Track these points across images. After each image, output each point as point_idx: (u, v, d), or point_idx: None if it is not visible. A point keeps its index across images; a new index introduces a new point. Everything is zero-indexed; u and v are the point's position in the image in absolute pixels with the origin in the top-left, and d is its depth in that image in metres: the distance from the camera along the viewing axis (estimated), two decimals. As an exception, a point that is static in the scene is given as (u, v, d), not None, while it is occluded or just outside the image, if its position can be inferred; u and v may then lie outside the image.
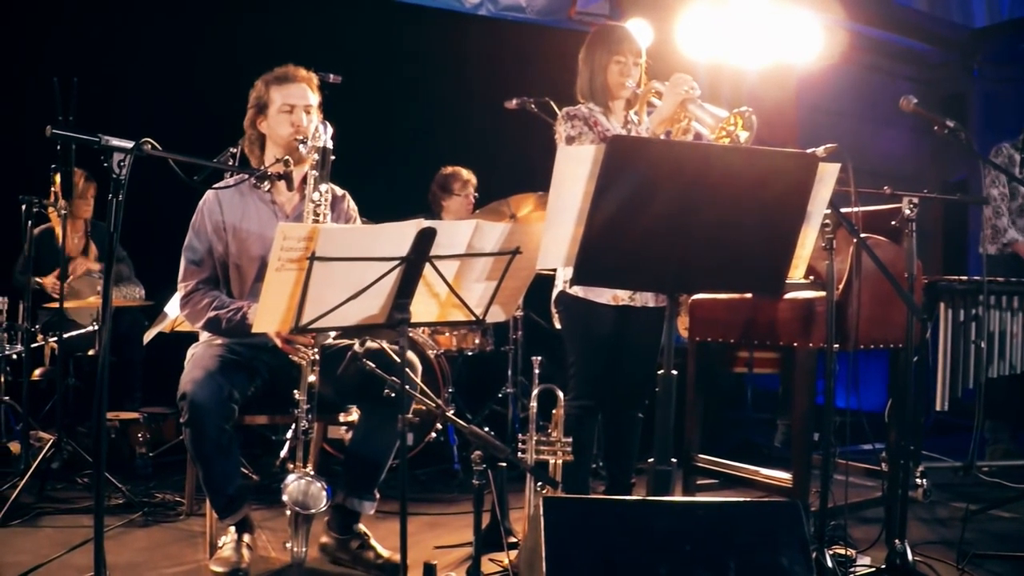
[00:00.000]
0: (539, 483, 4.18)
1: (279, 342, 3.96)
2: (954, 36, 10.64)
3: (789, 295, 4.46)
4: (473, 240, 3.47)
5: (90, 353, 6.52)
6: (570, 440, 4.30)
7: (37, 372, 6.39)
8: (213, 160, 3.85)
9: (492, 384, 6.86)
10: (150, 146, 3.34)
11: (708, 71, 8.18)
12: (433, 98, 8.40)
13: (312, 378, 3.92)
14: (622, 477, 4.73)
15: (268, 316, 3.42)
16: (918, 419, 5.49)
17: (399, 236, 3.35)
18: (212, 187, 4.25)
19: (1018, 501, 5.48)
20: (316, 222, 4.03)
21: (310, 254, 3.25)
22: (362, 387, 4.03)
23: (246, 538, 4.20)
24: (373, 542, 4.27)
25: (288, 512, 3.87)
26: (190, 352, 4.31)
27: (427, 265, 3.43)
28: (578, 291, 4.47)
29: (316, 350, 3.93)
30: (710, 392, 5.37)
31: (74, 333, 6.31)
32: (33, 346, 6.15)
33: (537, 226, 3.44)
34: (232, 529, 4.19)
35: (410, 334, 3.67)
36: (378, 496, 4.33)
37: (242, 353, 4.18)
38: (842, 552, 4.24)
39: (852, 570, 4.15)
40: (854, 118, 10.03)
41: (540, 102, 5.45)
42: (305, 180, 4.19)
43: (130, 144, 3.30)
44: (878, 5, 9.91)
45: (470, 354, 6.67)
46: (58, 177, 6.09)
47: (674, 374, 3.47)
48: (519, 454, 4.26)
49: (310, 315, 3.39)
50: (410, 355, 3.72)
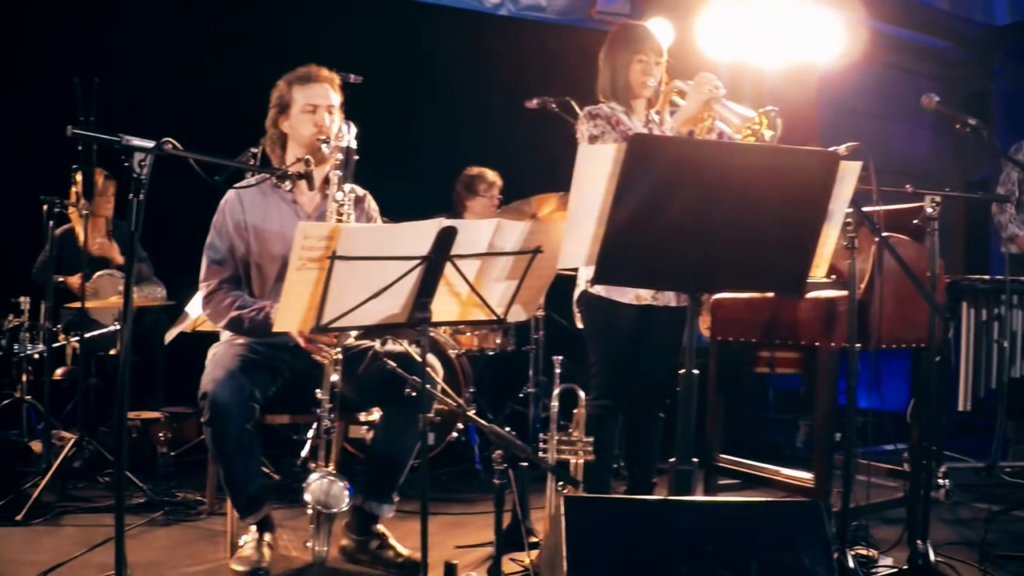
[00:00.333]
0: (560, 483, 4.17)
1: (302, 341, 3.96)
2: (976, 34, 10.60)
3: (811, 294, 4.44)
4: (494, 239, 3.46)
5: (112, 353, 6.54)
6: (591, 440, 4.29)
7: (59, 371, 6.41)
8: (234, 160, 3.85)
9: (513, 384, 6.87)
10: (171, 146, 3.35)
11: (729, 70, 8.15)
12: (453, 98, 8.39)
13: (335, 377, 3.92)
14: (643, 477, 4.72)
15: (289, 315, 3.42)
16: (940, 419, 5.47)
17: (420, 235, 3.34)
18: (233, 187, 4.26)
19: (1041, 502, 5.45)
20: (339, 222, 4.03)
21: (331, 253, 3.24)
22: (383, 387, 4.02)
23: (267, 537, 4.21)
24: (392, 541, 4.28)
25: (310, 511, 3.88)
26: (211, 352, 4.31)
27: (448, 264, 3.42)
28: (600, 290, 4.46)
29: (339, 349, 3.94)
30: (732, 392, 5.35)
31: (96, 333, 6.33)
32: (55, 345, 6.17)
33: (558, 225, 3.42)
34: (253, 528, 4.20)
35: (431, 334, 3.66)
36: (397, 499, 4.33)
37: (263, 353, 4.19)
38: (864, 552, 4.22)
39: (874, 570, 4.14)
40: (875, 117, 9.99)
41: (561, 102, 5.43)
42: (326, 180, 4.20)
43: (151, 144, 3.31)
44: (900, 3, 9.87)
45: (491, 354, 6.66)
46: (79, 177, 6.11)
47: (696, 374, 3.46)
48: (540, 454, 4.26)
49: (331, 314, 3.39)
50: (430, 358, 3.72)
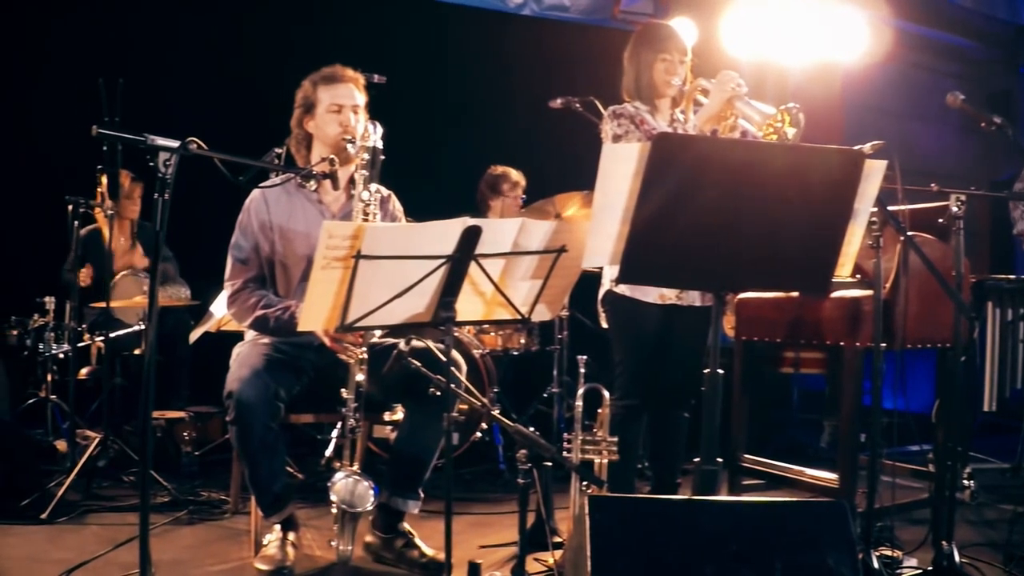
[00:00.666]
0: (584, 482, 4.17)
1: (328, 340, 3.97)
2: (1000, 33, 10.53)
3: (836, 294, 4.43)
4: (519, 238, 3.46)
5: (136, 352, 6.56)
6: (616, 439, 4.28)
7: (84, 371, 6.44)
8: (259, 160, 3.86)
9: (537, 384, 6.86)
10: (196, 145, 3.35)
11: (753, 69, 8.11)
12: (477, 98, 8.39)
13: (360, 376, 3.93)
14: (668, 477, 4.72)
15: (313, 314, 3.43)
16: (966, 420, 5.45)
17: (445, 234, 3.35)
18: (259, 186, 4.28)
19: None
20: (365, 221, 4.04)
21: (356, 252, 3.25)
22: (407, 385, 4.03)
23: (291, 536, 4.22)
24: (418, 541, 4.28)
25: (334, 510, 3.88)
26: (236, 351, 4.33)
27: (472, 263, 3.43)
28: (625, 290, 4.46)
29: (364, 349, 3.94)
30: (756, 392, 5.33)
31: (120, 332, 6.37)
32: (80, 345, 6.21)
33: (583, 224, 3.42)
34: (277, 527, 4.21)
35: (455, 333, 3.67)
36: (422, 495, 4.34)
37: (288, 352, 4.19)
38: (889, 553, 4.20)
39: (899, 571, 4.12)
40: (899, 116, 9.93)
41: (584, 101, 5.44)
42: (351, 180, 4.21)
43: (176, 143, 3.32)
44: (924, 2, 9.82)
45: (515, 354, 6.66)
46: (104, 178, 6.13)
47: (720, 373, 3.45)
48: (564, 453, 4.25)
49: (355, 313, 3.39)
50: (454, 354, 3.72)
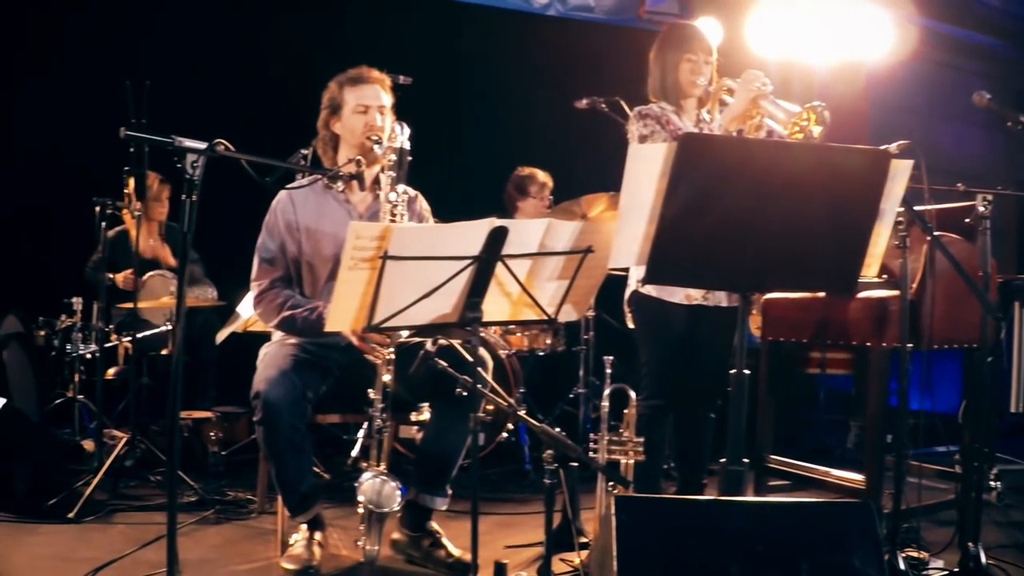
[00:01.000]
0: (610, 483, 4.17)
1: (355, 340, 3.98)
2: (1026, 31, 10.50)
3: (862, 294, 4.42)
4: (545, 239, 3.47)
5: (163, 353, 6.59)
6: (642, 440, 4.27)
7: (111, 371, 6.47)
8: (285, 161, 3.88)
9: (563, 384, 6.87)
10: (223, 147, 3.37)
11: (778, 68, 8.11)
12: (502, 99, 8.40)
13: (387, 377, 3.93)
14: (694, 478, 4.72)
15: (340, 315, 3.45)
16: (992, 421, 5.42)
17: (471, 235, 3.36)
18: (285, 187, 4.30)
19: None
20: (392, 222, 4.05)
21: (383, 253, 3.26)
22: (434, 385, 4.03)
23: (317, 536, 4.23)
24: (445, 540, 4.29)
25: (361, 510, 3.88)
26: (263, 351, 4.34)
27: (499, 264, 3.44)
28: (651, 290, 4.46)
29: (391, 349, 3.95)
30: (782, 393, 5.33)
31: (147, 333, 6.39)
32: (107, 345, 6.24)
33: (609, 225, 3.42)
34: (304, 527, 4.22)
35: (481, 334, 3.67)
36: (450, 492, 4.35)
37: (314, 352, 4.21)
38: (915, 555, 4.19)
39: (925, 573, 4.12)
40: (925, 115, 9.90)
41: (610, 102, 5.44)
42: (377, 180, 4.22)
43: (203, 145, 3.33)
44: (949, 1, 9.79)
45: (541, 354, 6.66)
46: (132, 180, 6.16)
47: (747, 374, 3.45)
48: (590, 454, 4.25)
49: (382, 314, 3.40)
50: (481, 351, 3.73)
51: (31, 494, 5.02)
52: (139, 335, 5.93)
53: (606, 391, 4.37)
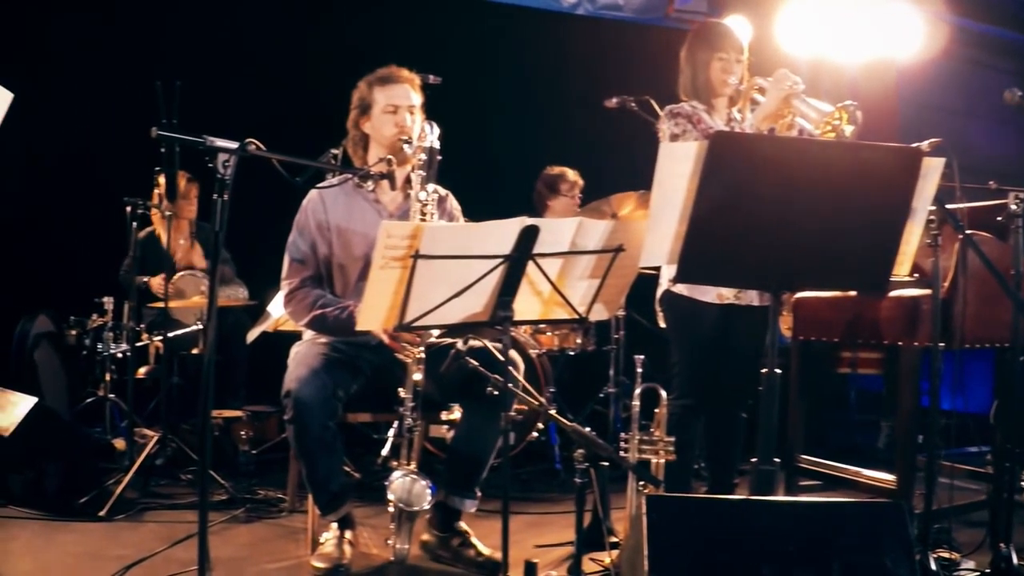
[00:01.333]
0: (641, 482, 4.16)
1: (386, 339, 3.98)
2: (1058, 28, 10.43)
3: (894, 293, 4.39)
4: (576, 238, 3.46)
5: (194, 352, 6.62)
6: (673, 439, 4.26)
7: (142, 370, 6.51)
8: (315, 160, 3.88)
9: (594, 384, 6.85)
10: (254, 147, 3.38)
11: (808, 66, 8.07)
12: (532, 98, 8.39)
13: (417, 376, 3.93)
14: (724, 477, 4.70)
15: (372, 314, 3.45)
16: (1024, 420, 5.39)
17: (502, 234, 3.36)
18: (316, 187, 4.30)
19: None
20: (423, 221, 4.05)
21: (414, 252, 3.26)
22: (465, 385, 4.04)
23: (348, 534, 4.24)
24: (474, 540, 4.29)
25: (391, 509, 3.89)
26: (294, 350, 4.35)
27: (530, 263, 3.43)
28: (683, 290, 4.44)
29: (422, 348, 3.95)
30: (813, 392, 5.30)
31: (178, 332, 6.43)
32: (138, 345, 6.29)
33: (640, 223, 3.43)
34: (334, 525, 4.23)
35: (512, 333, 3.68)
36: (479, 495, 4.35)
37: (345, 351, 4.21)
38: (946, 555, 4.18)
39: (956, 573, 4.10)
40: (956, 113, 9.84)
41: (640, 100, 5.43)
42: (408, 180, 4.23)
43: (235, 145, 3.34)
44: (980, -2, 9.74)
45: (572, 354, 6.65)
46: (162, 179, 6.19)
47: (778, 373, 3.44)
48: (621, 453, 4.24)
49: (414, 313, 3.41)
50: (512, 353, 3.73)
51: (62, 492, 5.06)
52: (170, 334, 5.95)
53: (637, 390, 4.36)
